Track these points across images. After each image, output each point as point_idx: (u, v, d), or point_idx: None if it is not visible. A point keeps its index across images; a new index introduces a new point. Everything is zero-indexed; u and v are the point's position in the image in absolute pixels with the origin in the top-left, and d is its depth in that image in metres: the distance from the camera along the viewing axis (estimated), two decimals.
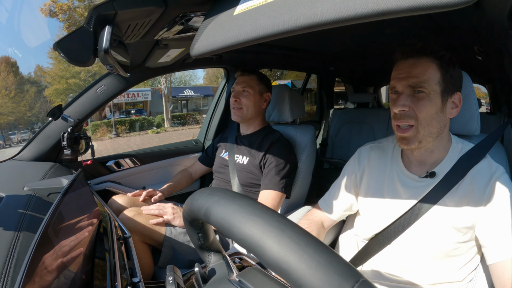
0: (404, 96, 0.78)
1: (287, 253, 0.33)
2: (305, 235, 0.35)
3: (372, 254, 0.91)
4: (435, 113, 0.77)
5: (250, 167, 1.45)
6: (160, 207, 1.30)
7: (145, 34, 1.03)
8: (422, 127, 0.77)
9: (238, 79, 1.52)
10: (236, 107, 1.48)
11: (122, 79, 1.46)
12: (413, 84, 0.77)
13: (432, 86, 0.76)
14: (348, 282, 0.30)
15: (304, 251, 0.33)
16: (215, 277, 0.55)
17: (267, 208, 0.40)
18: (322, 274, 0.31)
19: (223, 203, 0.42)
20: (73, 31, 0.84)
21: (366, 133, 2.61)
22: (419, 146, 0.80)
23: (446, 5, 0.40)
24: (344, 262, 0.33)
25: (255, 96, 1.49)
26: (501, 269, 0.73)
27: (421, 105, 0.76)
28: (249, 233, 0.37)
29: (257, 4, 0.63)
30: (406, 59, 0.80)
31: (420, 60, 0.78)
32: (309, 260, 0.32)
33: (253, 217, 0.38)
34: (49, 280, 0.48)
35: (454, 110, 0.81)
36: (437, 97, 0.77)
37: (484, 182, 0.77)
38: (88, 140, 1.41)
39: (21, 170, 1.21)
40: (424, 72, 0.76)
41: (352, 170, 1.00)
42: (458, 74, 0.81)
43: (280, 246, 0.34)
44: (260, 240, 0.36)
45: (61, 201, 0.65)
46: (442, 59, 0.77)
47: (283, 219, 0.38)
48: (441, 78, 0.77)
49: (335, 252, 0.34)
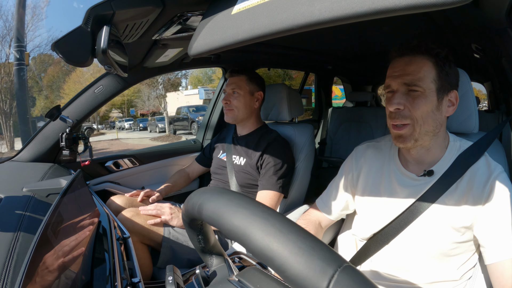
0: (399, 94, 0.77)
1: (271, 240, 0.34)
2: (288, 223, 0.36)
3: (370, 254, 0.91)
4: (431, 112, 0.76)
5: (247, 168, 1.44)
6: (157, 207, 1.30)
7: (143, 34, 1.03)
8: (418, 126, 0.77)
9: (228, 80, 1.51)
10: (227, 109, 1.48)
11: (120, 79, 1.45)
12: (408, 82, 0.76)
13: (427, 84, 0.75)
14: (331, 266, 0.30)
15: (286, 238, 0.34)
16: (216, 279, 0.55)
17: (253, 200, 0.41)
18: (305, 259, 0.31)
19: (213, 199, 0.44)
20: (70, 31, 0.84)
21: (365, 131, 2.62)
22: (415, 144, 0.79)
23: (444, 4, 0.40)
24: (326, 247, 0.33)
25: (246, 97, 1.48)
26: (500, 269, 0.73)
27: (416, 104, 0.75)
28: (236, 223, 0.38)
29: (255, 3, 0.63)
30: (401, 57, 0.79)
31: (415, 58, 0.77)
32: (291, 246, 0.33)
33: (240, 208, 0.39)
34: (49, 280, 0.48)
35: (451, 108, 0.80)
36: (432, 95, 0.76)
37: (482, 180, 0.76)
38: (87, 141, 1.40)
39: (20, 171, 1.20)
40: (419, 70, 0.76)
41: (349, 169, 0.99)
42: (454, 72, 0.80)
43: (264, 233, 0.35)
44: (246, 229, 0.37)
45: (60, 202, 0.65)
46: (437, 57, 0.76)
47: (267, 209, 0.39)
48: (436, 75, 0.76)
49: (318, 239, 0.34)
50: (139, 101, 23.66)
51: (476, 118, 0.89)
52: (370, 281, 0.30)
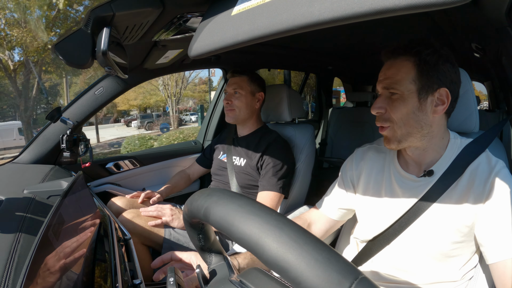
0: (382, 98, 0.79)
1: (286, 251, 0.33)
2: (304, 233, 0.35)
3: (371, 255, 0.90)
4: (411, 113, 0.76)
5: (247, 169, 1.44)
6: (158, 209, 1.30)
7: (143, 35, 1.03)
8: (398, 127, 0.77)
9: (230, 81, 1.52)
10: (228, 109, 1.48)
11: (121, 81, 1.46)
12: (386, 86, 0.78)
13: (405, 86, 0.75)
14: (347, 279, 0.30)
15: (302, 249, 0.33)
16: (216, 278, 0.55)
17: (265, 207, 0.40)
18: (321, 271, 0.31)
19: (222, 203, 0.42)
20: (70, 33, 0.84)
21: (365, 132, 2.62)
22: (399, 145, 0.80)
23: (444, 4, 0.40)
24: (343, 259, 0.33)
25: (247, 97, 1.48)
26: (502, 268, 0.72)
27: (394, 107, 0.77)
28: (248, 232, 0.37)
29: (255, 4, 0.63)
30: (386, 61, 0.81)
31: (396, 61, 0.78)
32: (307, 258, 0.32)
33: (252, 216, 0.38)
34: (50, 282, 0.48)
35: (440, 107, 0.77)
36: (412, 96, 0.75)
37: (484, 177, 0.76)
38: (87, 143, 1.41)
39: (21, 173, 1.21)
40: (397, 73, 0.76)
41: (349, 170, 0.99)
42: (446, 69, 0.77)
43: (279, 244, 0.34)
44: (259, 238, 0.36)
45: (61, 204, 0.65)
46: (418, 55, 0.75)
47: (281, 217, 0.38)
48: (416, 75, 0.75)
49: (333, 249, 0.34)
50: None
51: (477, 117, 0.89)
52: None
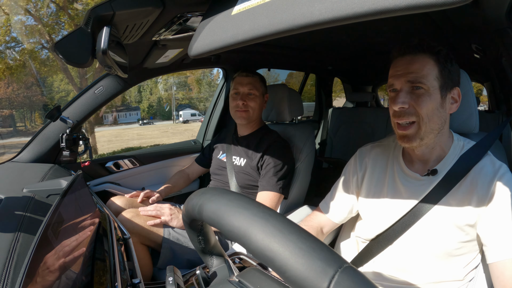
0: (403, 93, 0.78)
1: (271, 241, 0.34)
2: (289, 224, 0.36)
3: (373, 255, 0.90)
4: (435, 109, 0.77)
5: (247, 169, 1.44)
6: (157, 208, 1.30)
7: (143, 34, 1.03)
8: (424, 123, 0.77)
9: (242, 80, 1.46)
10: (242, 110, 1.44)
11: (121, 80, 1.45)
12: (412, 80, 0.77)
13: (430, 82, 0.76)
14: (331, 267, 0.30)
15: (287, 239, 0.34)
16: (216, 279, 0.55)
17: (254, 201, 0.41)
18: (305, 260, 0.31)
19: (214, 199, 0.44)
20: (71, 32, 0.84)
21: (365, 132, 2.61)
22: (420, 143, 0.79)
23: (444, 4, 0.40)
24: (327, 248, 0.33)
25: (260, 98, 1.48)
26: (501, 268, 0.73)
27: (421, 101, 0.76)
28: (236, 224, 0.38)
29: (255, 4, 0.63)
30: (403, 56, 0.80)
31: (417, 56, 0.78)
32: (292, 247, 0.33)
33: (240, 209, 0.39)
34: (49, 281, 0.48)
35: (454, 105, 0.80)
36: (436, 93, 0.76)
37: (487, 179, 0.76)
38: (87, 142, 1.40)
39: (20, 171, 1.20)
40: (422, 68, 0.76)
41: (353, 171, 0.99)
42: (456, 69, 0.81)
43: (264, 234, 0.35)
44: (246, 230, 0.37)
45: (60, 203, 0.65)
46: (439, 54, 0.77)
47: (268, 210, 0.39)
48: (439, 73, 0.76)
49: (318, 239, 0.34)
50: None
51: (477, 118, 0.89)
52: (370, 282, 0.30)
